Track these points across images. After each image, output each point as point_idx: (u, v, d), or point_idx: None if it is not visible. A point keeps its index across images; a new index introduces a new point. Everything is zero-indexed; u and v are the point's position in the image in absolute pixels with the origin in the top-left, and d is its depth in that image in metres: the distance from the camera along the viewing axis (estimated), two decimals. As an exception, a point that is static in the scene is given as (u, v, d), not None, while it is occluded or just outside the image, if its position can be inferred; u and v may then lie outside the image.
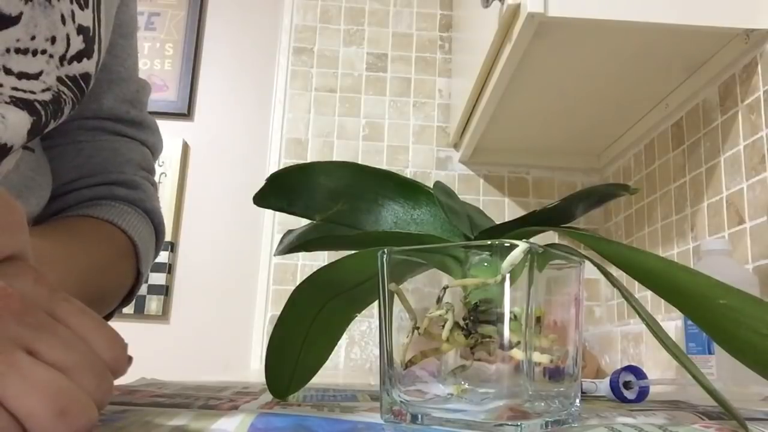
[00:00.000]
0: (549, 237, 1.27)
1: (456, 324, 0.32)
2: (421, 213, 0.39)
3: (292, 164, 0.38)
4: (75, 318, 0.25)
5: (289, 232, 0.42)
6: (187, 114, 1.77)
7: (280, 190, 0.39)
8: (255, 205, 0.40)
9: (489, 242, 0.33)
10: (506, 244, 0.30)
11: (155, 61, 1.79)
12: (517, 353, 0.29)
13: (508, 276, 0.29)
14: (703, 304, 0.30)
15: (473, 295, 0.32)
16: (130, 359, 0.26)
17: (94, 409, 0.22)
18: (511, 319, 0.29)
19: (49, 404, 0.21)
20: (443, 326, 0.32)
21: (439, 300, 0.33)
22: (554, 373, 0.32)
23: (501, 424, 0.29)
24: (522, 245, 0.30)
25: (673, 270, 0.31)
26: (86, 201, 0.55)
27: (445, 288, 0.33)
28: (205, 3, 1.85)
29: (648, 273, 0.32)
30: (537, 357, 0.30)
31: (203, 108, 1.79)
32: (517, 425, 0.28)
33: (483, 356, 0.31)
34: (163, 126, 1.71)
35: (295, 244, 0.41)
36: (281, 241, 0.42)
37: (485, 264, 0.32)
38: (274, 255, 0.44)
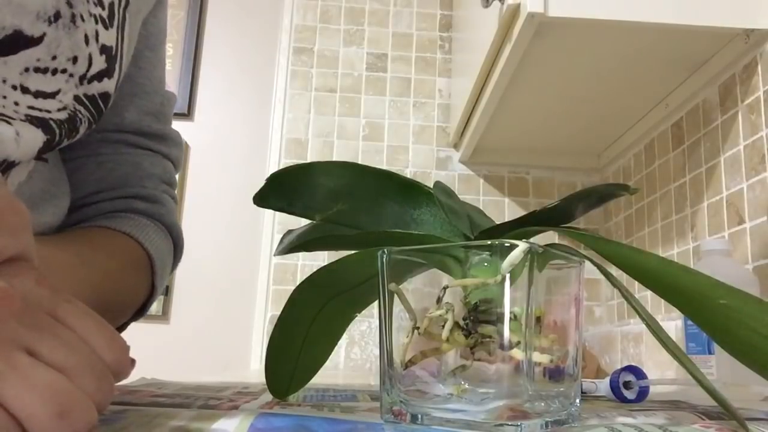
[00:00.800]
0: (549, 237, 1.27)
1: (456, 324, 0.32)
2: (421, 213, 0.39)
3: (292, 164, 0.38)
4: (76, 319, 0.25)
5: (289, 232, 0.42)
6: (187, 114, 1.77)
7: (280, 190, 0.39)
8: (255, 205, 0.40)
9: (489, 242, 0.33)
10: (506, 244, 0.30)
11: (155, 61, 1.79)
12: (517, 353, 0.29)
13: (508, 276, 0.29)
14: (703, 304, 0.30)
15: (473, 295, 0.32)
16: (133, 362, 0.26)
17: (93, 411, 0.22)
18: (511, 319, 0.30)
19: (49, 405, 0.21)
20: (443, 326, 0.32)
21: (439, 300, 0.33)
22: (554, 373, 0.32)
23: (501, 424, 0.29)
24: (522, 245, 0.30)
25: (673, 270, 0.31)
26: (105, 213, 0.55)
27: (445, 288, 0.33)
28: (205, 3, 1.85)
29: (648, 273, 0.32)
30: (537, 357, 0.30)
31: (203, 108, 1.79)
32: (517, 425, 0.28)
33: (483, 356, 0.31)
34: (163, 126, 1.65)
35: (295, 244, 0.41)
36: (281, 241, 0.42)
37: (485, 264, 0.32)
38: (274, 255, 0.44)
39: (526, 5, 0.91)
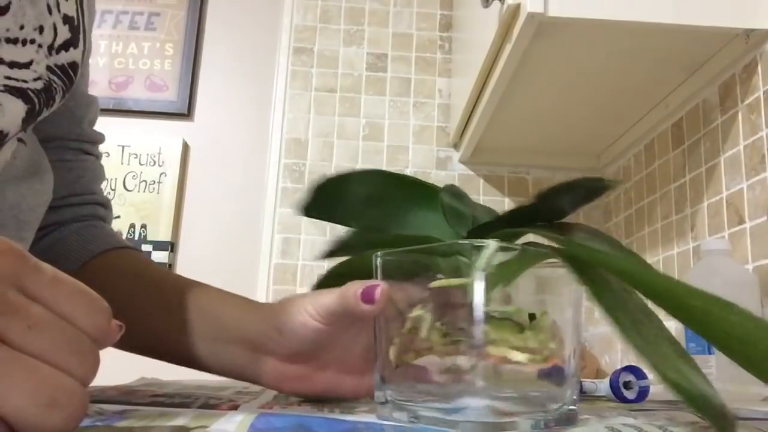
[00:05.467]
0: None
1: (434, 324, 0.32)
2: (439, 216, 0.40)
3: (330, 174, 0.40)
4: (47, 290, 0.23)
5: (335, 238, 0.43)
6: (187, 114, 1.77)
7: (321, 200, 0.40)
8: (301, 216, 0.41)
9: (459, 242, 0.33)
10: (476, 245, 0.30)
11: (155, 61, 1.79)
12: (495, 351, 0.29)
13: (481, 275, 0.29)
14: (680, 307, 0.30)
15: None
16: (120, 327, 0.24)
17: (81, 393, 0.21)
18: (492, 318, 0.30)
19: (35, 398, 0.20)
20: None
21: (426, 300, 0.33)
22: (553, 373, 0.32)
23: (497, 423, 0.29)
24: (492, 244, 0.30)
25: (651, 278, 0.30)
26: (79, 217, 0.60)
27: (429, 289, 0.33)
28: (205, 3, 1.85)
29: (629, 278, 0.31)
30: (516, 356, 0.30)
31: (203, 108, 1.79)
32: (513, 422, 0.28)
33: (462, 354, 0.31)
34: (163, 126, 1.74)
35: (335, 249, 0.42)
36: (326, 247, 0.43)
37: (467, 264, 0.32)
38: (319, 258, 0.45)
39: (526, 5, 0.91)
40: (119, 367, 0.63)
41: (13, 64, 0.42)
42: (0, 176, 0.45)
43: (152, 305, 0.51)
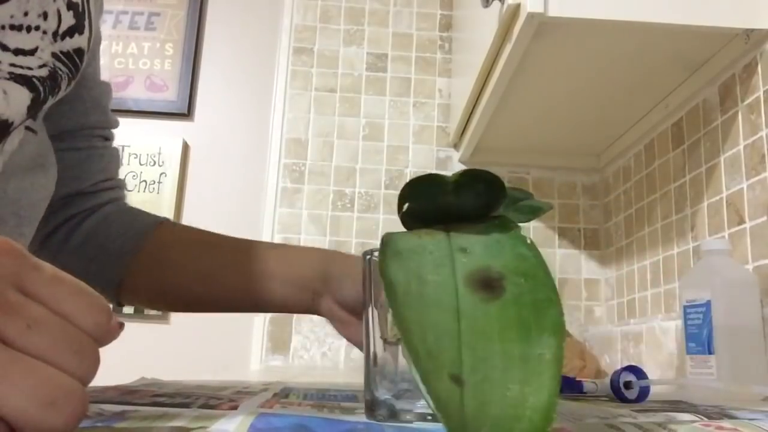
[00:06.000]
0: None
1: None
2: None
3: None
4: (46, 288, 0.23)
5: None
6: (187, 114, 1.77)
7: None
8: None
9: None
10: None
11: (155, 61, 1.79)
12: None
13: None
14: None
15: None
16: (120, 325, 0.24)
17: (81, 392, 0.21)
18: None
19: (34, 398, 0.20)
20: None
21: None
22: None
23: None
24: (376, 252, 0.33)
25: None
26: (112, 200, 0.67)
27: None
28: (205, 3, 1.85)
29: None
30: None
31: (203, 108, 1.79)
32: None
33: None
34: (163, 126, 1.74)
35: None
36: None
37: None
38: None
39: (526, 5, 0.91)
40: (119, 367, 0.63)
41: (18, 51, 0.42)
42: (6, 166, 0.45)
43: (229, 266, 0.62)
